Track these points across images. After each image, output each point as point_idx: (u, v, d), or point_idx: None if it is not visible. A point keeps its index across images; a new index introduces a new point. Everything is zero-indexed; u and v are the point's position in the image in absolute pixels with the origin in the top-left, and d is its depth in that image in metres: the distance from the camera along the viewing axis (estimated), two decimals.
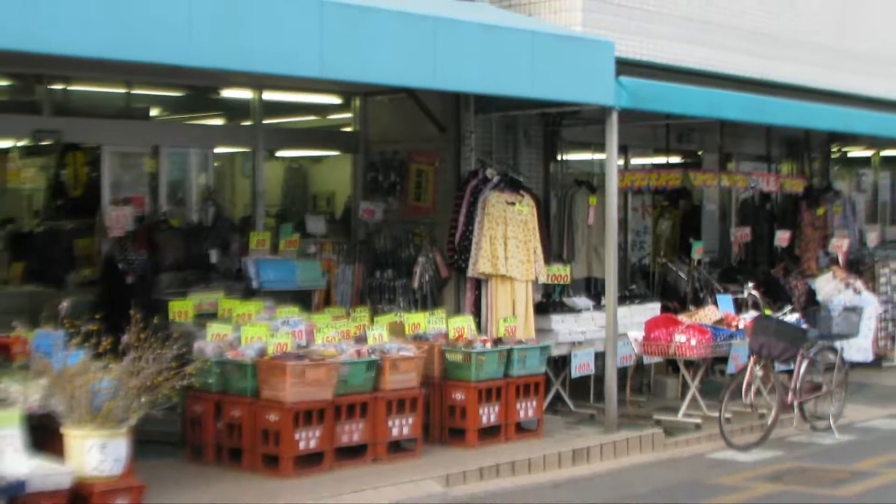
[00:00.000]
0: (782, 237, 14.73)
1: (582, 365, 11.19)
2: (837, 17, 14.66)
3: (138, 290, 10.17)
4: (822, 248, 14.94)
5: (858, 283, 13.75)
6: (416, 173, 11.82)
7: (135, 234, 10.60)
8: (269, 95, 11.83)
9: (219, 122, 12.87)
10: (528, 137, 12.29)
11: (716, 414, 10.72)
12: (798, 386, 11.06)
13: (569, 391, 11.41)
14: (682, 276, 13.37)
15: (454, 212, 10.93)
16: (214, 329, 9.36)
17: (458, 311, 10.90)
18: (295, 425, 8.72)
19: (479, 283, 10.87)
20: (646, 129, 13.82)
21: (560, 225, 12.20)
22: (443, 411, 9.96)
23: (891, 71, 15.34)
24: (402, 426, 9.38)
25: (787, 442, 10.99)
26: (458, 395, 9.89)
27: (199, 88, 11.84)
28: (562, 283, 11.49)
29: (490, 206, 10.74)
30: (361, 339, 9.59)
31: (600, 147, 10.87)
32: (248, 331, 9.20)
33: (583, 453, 9.87)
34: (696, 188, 14.39)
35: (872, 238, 15.82)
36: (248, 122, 12.00)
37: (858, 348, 13.16)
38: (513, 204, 10.85)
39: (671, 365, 12.11)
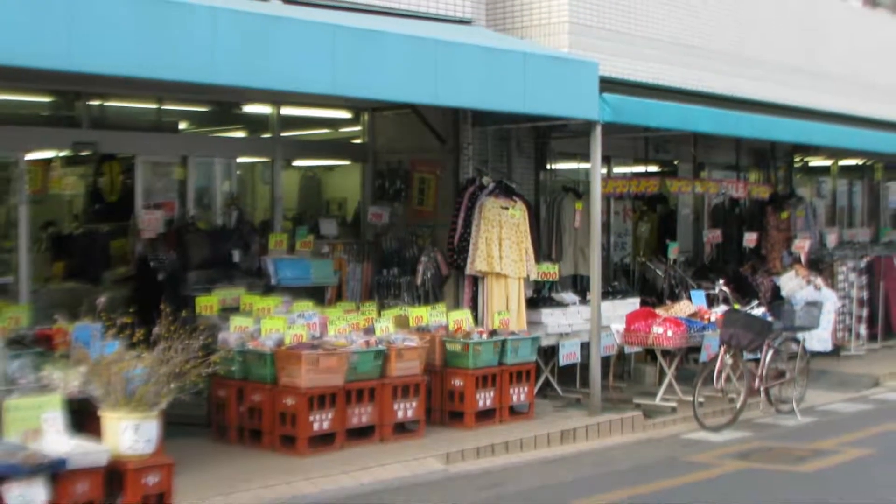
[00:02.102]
0: (750, 239, 14.73)
1: (569, 354, 11.19)
2: (800, 40, 14.67)
3: (168, 287, 10.16)
4: (785, 248, 14.94)
5: (819, 280, 13.75)
6: (419, 181, 11.82)
7: (165, 235, 10.60)
8: (286, 110, 11.83)
9: (241, 134, 12.86)
10: (520, 148, 12.30)
11: (690, 398, 10.72)
12: (764, 373, 11.08)
13: (557, 378, 11.42)
14: (660, 273, 13.38)
15: (453, 216, 10.93)
16: (237, 322, 9.37)
17: (457, 305, 10.90)
18: (310, 408, 8.73)
19: (476, 280, 10.87)
20: (627, 141, 13.83)
21: (549, 227, 12.20)
22: (443, 396, 9.96)
23: (848, 88, 15.36)
24: (406, 409, 9.38)
25: (755, 423, 10.99)
26: (457, 382, 9.89)
27: (223, 104, 11.84)
28: (551, 280, 11.49)
29: (486, 211, 10.74)
30: (370, 331, 9.59)
31: (586, 157, 10.87)
32: (268, 323, 9.21)
33: (570, 434, 9.88)
34: (672, 194, 14.41)
35: (831, 239, 15.80)
36: (267, 135, 11.99)
37: (819, 339, 13.15)
38: (506, 209, 10.85)
39: (650, 354, 12.10)
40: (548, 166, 12.76)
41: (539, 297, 11.42)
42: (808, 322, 11.93)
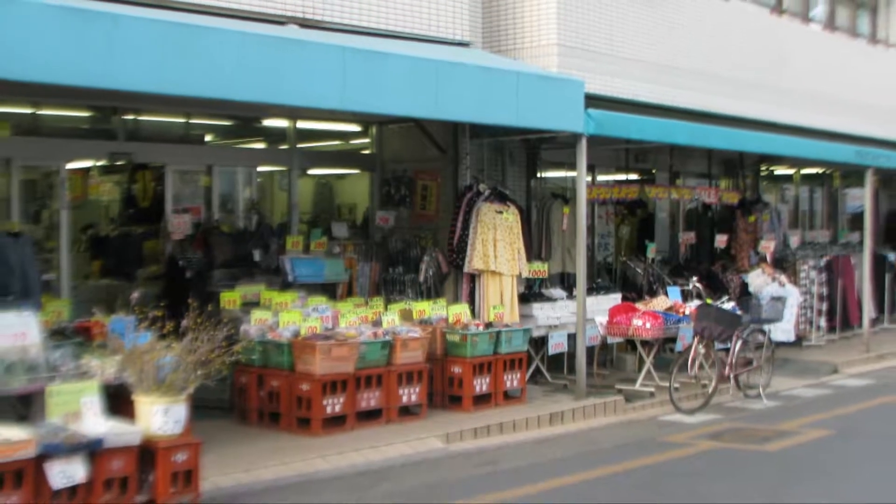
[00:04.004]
0: (721, 240, 14.72)
1: (557, 344, 11.19)
2: (766, 61, 14.68)
3: (195, 283, 10.16)
4: (753, 248, 14.94)
5: (783, 278, 13.76)
6: (421, 188, 11.82)
7: (193, 237, 10.61)
8: (301, 124, 11.84)
9: (261, 145, 12.87)
10: (513, 158, 12.29)
11: (666, 384, 10.73)
12: (734, 361, 11.08)
13: (546, 365, 11.42)
14: (639, 271, 13.37)
15: (453, 219, 10.93)
16: (257, 315, 9.37)
17: (456, 300, 10.90)
18: (323, 393, 8.74)
19: (473, 278, 10.87)
20: (609, 151, 13.83)
21: (539, 230, 12.19)
22: (444, 382, 9.96)
23: (810, 104, 15.37)
24: (410, 394, 9.38)
25: (725, 407, 10.99)
26: (456, 369, 9.89)
27: (245, 118, 11.85)
28: (541, 277, 11.48)
29: (482, 215, 10.74)
30: (377, 323, 9.60)
31: (572, 166, 10.88)
32: (285, 316, 9.21)
33: (558, 416, 9.88)
34: (650, 200, 14.39)
35: (794, 241, 15.81)
36: (284, 146, 12.00)
37: (783, 330, 13.16)
38: (501, 213, 10.85)
39: (630, 344, 12.11)
40: (538, 174, 12.76)
41: (530, 292, 11.42)
42: (774, 315, 11.93)
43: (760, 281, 13.53)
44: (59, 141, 10.16)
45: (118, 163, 10.80)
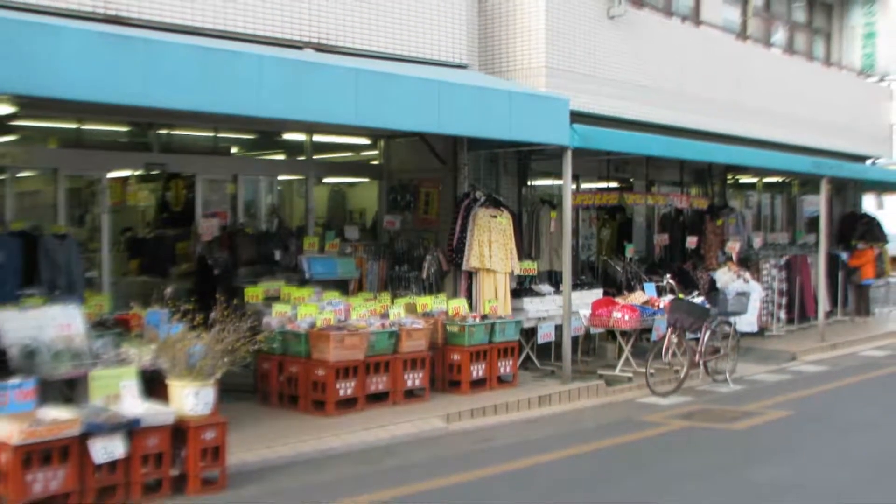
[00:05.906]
0: (691, 241, 14.72)
1: (545, 334, 11.20)
2: (732, 81, 14.68)
3: (222, 280, 10.16)
4: (720, 249, 14.94)
5: (747, 275, 13.75)
6: (424, 194, 11.82)
7: (220, 238, 10.61)
8: (317, 138, 11.84)
9: (281, 157, 12.87)
10: (506, 168, 12.29)
11: (643, 370, 10.73)
12: (703, 349, 11.08)
13: (536, 353, 11.42)
14: (619, 269, 13.36)
15: (452, 223, 10.93)
16: (278, 308, 9.38)
17: (455, 295, 10.90)
18: (336, 378, 8.74)
19: (470, 275, 10.87)
20: (592, 162, 13.81)
21: (530, 232, 12.19)
22: (444, 368, 9.96)
23: (771, 120, 15.37)
24: (414, 379, 9.38)
25: (695, 390, 11.00)
26: (455, 356, 9.90)
27: (267, 132, 11.84)
28: (531, 274, 11.49)
29: (478, 219, 10.74)
30: (385, 316, 9.60)
31: (559, 175, 10.86)
32: (303, 309, 9.22)
33: (546, 398, 9.88)
34: (628, 205, 14.39)
35: (757, 242, 15.81)
36: (302, 157, 12.00)
37: (747, 322, 13.15)
38: (495, 217, 10.85)
39: (611, 334, 12.11)
40: (528, 183, 12.75)
41: (521, 288, 11.42)
42: (739, 308, 11.93)
43: (727, 278, 13.53)
44: (100, 153, 10.15)
45: (153, 172, 10.80)
